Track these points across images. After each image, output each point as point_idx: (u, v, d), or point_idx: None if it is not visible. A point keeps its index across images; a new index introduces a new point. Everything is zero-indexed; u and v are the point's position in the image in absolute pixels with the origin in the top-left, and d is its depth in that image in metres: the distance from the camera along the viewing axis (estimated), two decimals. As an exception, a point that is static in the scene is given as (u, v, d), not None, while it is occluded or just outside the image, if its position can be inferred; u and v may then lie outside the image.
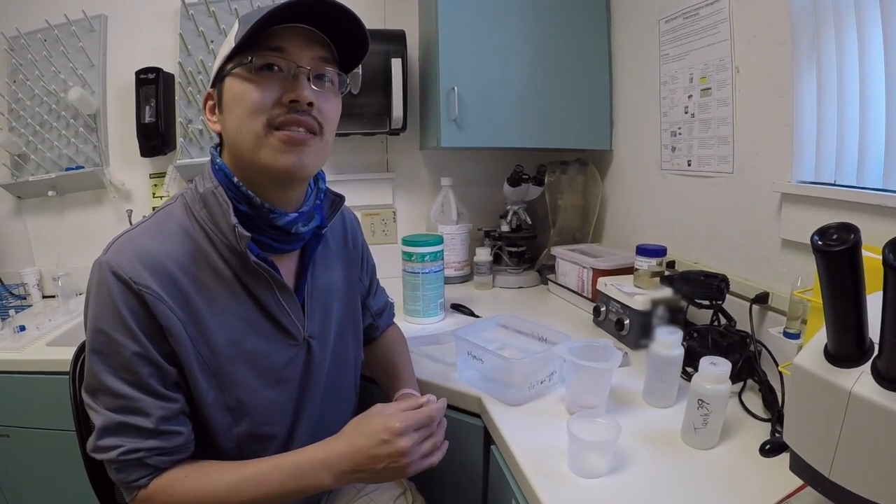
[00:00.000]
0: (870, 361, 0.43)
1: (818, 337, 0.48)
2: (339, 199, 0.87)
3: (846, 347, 0.44)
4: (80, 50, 1.66)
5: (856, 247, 0.40)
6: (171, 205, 0.75)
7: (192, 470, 0.70)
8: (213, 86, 0.75)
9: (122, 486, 0.69)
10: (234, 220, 0.69)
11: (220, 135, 0.76)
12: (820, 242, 0.41)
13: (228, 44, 0.70)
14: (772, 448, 0.60)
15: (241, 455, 0.75)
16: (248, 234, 0.69)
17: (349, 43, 0.74)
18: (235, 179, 0.72)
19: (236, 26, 0.71)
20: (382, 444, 0.70)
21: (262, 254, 0.73)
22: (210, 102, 0.76)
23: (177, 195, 0.77)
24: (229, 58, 0.70)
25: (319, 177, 0.84)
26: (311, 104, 0.69)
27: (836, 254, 0.40)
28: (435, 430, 0.76)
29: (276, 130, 0.69)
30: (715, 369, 0.75)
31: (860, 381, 0.43)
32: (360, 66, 0.79)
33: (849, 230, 0.41)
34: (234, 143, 0.72)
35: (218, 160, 0.74)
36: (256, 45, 0.68)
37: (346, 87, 0.77)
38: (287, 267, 0.81)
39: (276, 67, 0.69)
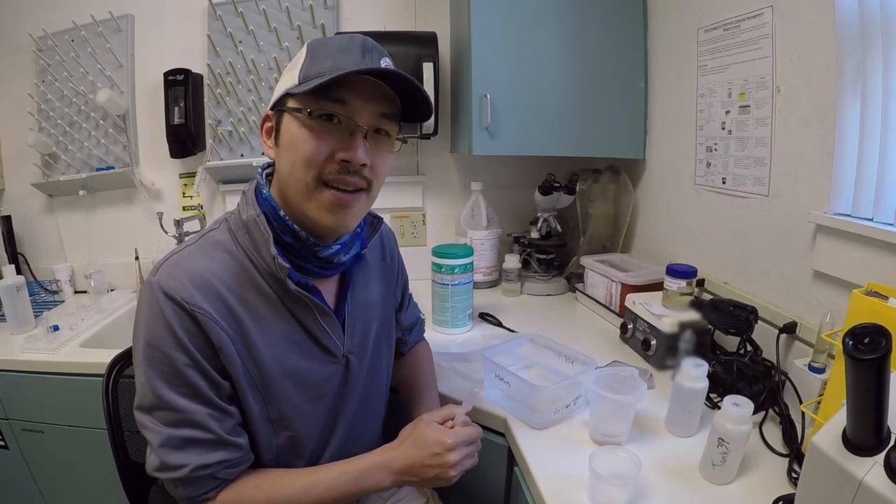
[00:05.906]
0: (885, 452, 0.44)
1: (840, 416, 0.49)
2: (378, 220, 0.91)
3: (863, 437, 0.45)
4: (107, 50, 1.66)
5: (886, 355, 0.41)
6: (215, 229, 0.78)
7: (262, 479, 0.75)
8: (272, 108, 0.75)
9: (187, 501, 0.71)
10: (273, 250, 0.71)
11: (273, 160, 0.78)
12: (851, 345, 0.42)
13: (292, 74, 0.71)
14: (783, 508, 0.62)
15: (277, 464, 0.80)
16: (287, 265, 0.72)
17: (414, 99, 0.75)
18: (282, 213, 0.74)
19: (303, 54, 0.72)
20: (435, 457, 0.78)
21: (303, 279, 0.76)
22: (268, 124, 0.77)
23: (220, 219, 0.80)
24: (292, 93, 0.71)
25: None
26: (364, 165, 0.71)
27: (866, 362, 0.42)
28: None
29: (326, 186, 0.71)
30: (737, 410, 0.76)
31: (872, 471, 0.44)
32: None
33: (881, 334, 0.42)
34: (285, 184, 0.74)
35: (265, 191, 0.76)
36: (320, 91, 0.68)
37: (402, 144, 0.79)
38: (328, 289, 0.85)
39: (335, 119, 0.70)
